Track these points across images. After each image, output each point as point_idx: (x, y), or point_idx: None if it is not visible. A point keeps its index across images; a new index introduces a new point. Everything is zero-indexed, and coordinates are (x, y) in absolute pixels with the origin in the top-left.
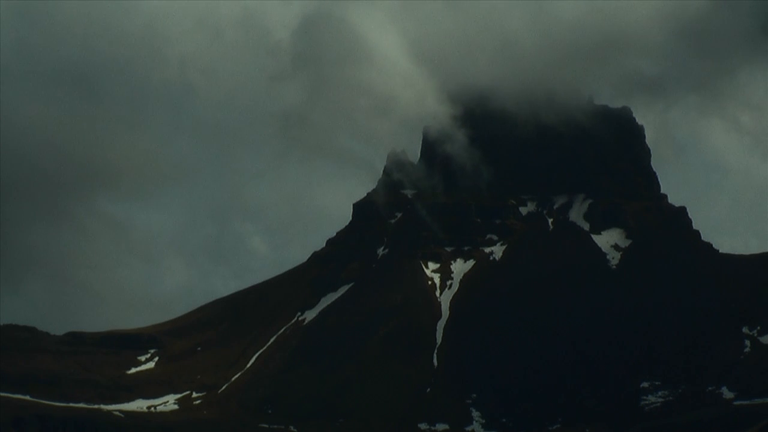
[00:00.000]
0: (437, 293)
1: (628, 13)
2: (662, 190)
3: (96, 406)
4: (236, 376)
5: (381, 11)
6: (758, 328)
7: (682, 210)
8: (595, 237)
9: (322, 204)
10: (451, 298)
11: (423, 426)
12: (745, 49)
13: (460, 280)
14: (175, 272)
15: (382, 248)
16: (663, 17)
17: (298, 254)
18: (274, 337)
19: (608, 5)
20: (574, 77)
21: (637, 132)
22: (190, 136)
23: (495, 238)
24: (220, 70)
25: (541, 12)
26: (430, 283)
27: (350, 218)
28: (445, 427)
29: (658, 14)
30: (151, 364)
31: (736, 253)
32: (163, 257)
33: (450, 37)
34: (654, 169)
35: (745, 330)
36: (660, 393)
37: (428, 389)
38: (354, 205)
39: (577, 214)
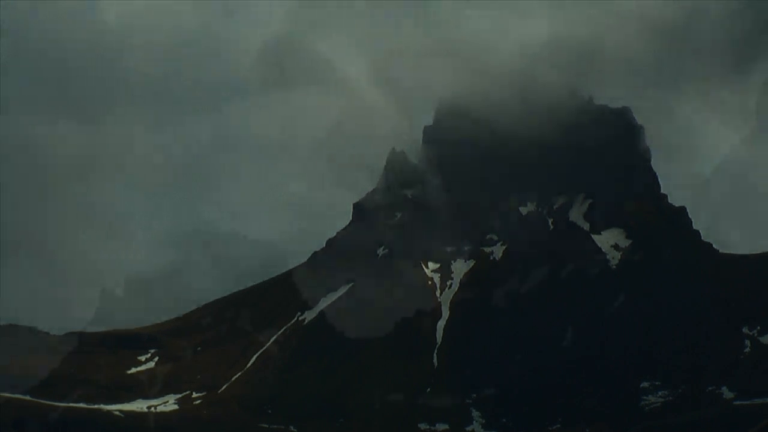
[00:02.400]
0: (437, 293)
1: (617, 14)
2: (662, 190)
3: (96, 406)
4: (236, 376)
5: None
6: (758, 328)
7: (682, 210)
8: (595, 237)
9: (322, 204)
10: (451, 298)
11: (423, 426)
12: (744, 48)
13: (460, 280)
14: (172, 271)
15: (382, 248)
16: (657, 18)
17: (298, 254)
18: (274, 337)
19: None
20: (572, 78)
21: (637, 132)
22: (185, 138)
23: (495, 238)
24: (204, 78)
25: (528, 18)
26: (430, 283)
27: (350, 218)
28: (445, 427)
29: (652, 15)
30: (151, 364)
31: (736, 253)
32: (158, 255)
33: (441, 42)
34: (654, 169)
35: (745, 330)
36: (660, 393)
37: (428, 389)
38: (354, 205)
39: (577, 214)
